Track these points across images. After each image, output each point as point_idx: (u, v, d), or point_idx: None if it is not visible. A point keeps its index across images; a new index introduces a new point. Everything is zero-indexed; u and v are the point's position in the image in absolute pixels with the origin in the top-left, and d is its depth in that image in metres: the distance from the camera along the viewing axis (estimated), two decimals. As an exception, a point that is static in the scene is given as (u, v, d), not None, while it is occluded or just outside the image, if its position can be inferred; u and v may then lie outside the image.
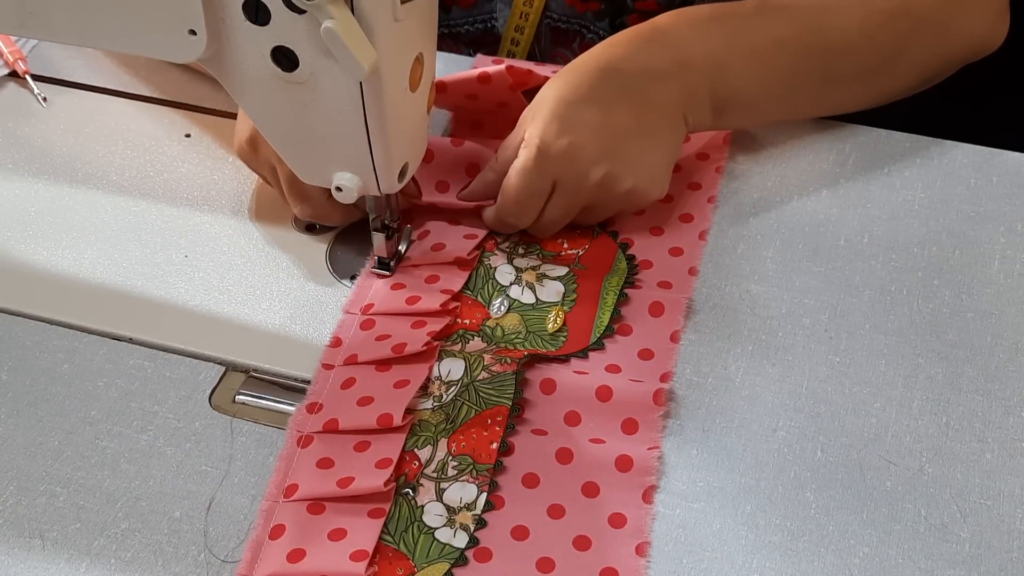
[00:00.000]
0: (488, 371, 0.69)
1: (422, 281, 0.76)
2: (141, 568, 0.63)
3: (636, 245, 0.79)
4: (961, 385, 0.71)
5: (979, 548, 0.63)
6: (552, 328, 0.74)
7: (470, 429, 0.68)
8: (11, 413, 0.71)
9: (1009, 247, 0.79)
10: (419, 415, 0.69)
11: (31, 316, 0.76)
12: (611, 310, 0.74)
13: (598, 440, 0.68)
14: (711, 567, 0.63)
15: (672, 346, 0.72)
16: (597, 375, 0.71)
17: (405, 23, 0.65)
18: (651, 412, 0.68)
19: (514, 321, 0.74)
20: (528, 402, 0.70)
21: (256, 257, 0.80)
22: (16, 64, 0.94)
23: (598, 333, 0.73)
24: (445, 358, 0.71)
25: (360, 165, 0.70)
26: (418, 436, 0.68)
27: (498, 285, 0.76)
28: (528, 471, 0.67)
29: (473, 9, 1.00)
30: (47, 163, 0.87)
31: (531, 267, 0.77)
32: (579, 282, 0.76)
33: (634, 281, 0.76)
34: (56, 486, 0.67)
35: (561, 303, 0.75)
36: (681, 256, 0.78)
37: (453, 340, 0.73)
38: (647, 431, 0.68)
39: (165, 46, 0.67)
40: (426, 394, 0.70)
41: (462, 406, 0.69)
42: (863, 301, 0.76)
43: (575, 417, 0.69)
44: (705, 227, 0.79)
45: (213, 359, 0.73)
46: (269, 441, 0.68)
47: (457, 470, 0.66)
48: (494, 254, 0.78)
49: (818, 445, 0.68)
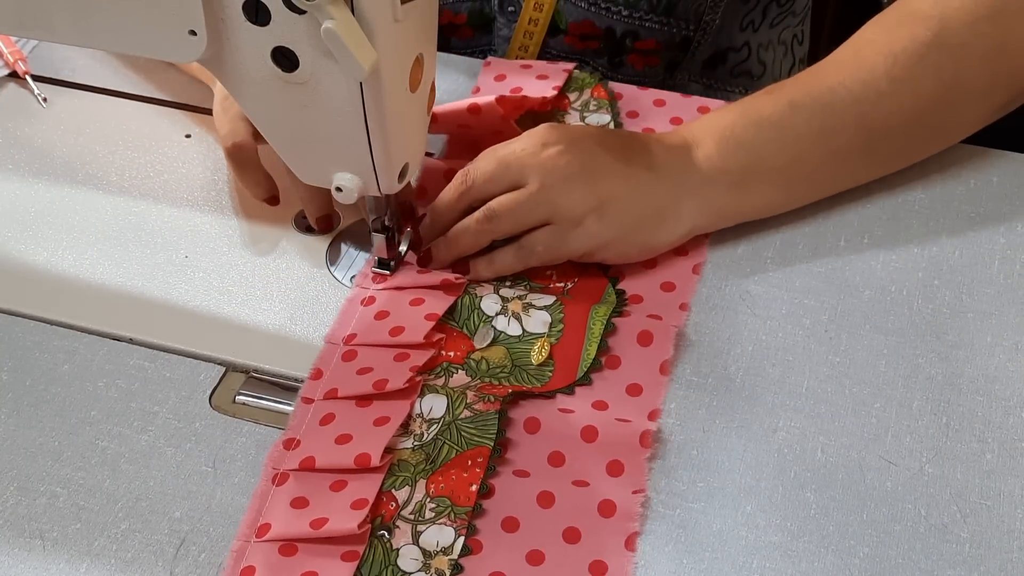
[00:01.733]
0: (471, 409, 0.68)
1: (407, 304, 0.74)
2: (141, 568, 0.63)
3: (627, 279, 0.76)
4: (961, 385, 0.71)
5: (979, 548, 0.63)
6: (538, 361, 0.71)
7: (450, 470, 0.65)
8: (11, 413, 0.71)
9: (1009, 247, 0.79)
10: (398, 454, 0.67)
11: (31, 316, 0.76)
12: (598, 341, 0.71)
13: (582, 482, 0.66)
14: (711, 567, 0.63)
15: (661, 379, 0.70)
16: (583, 413, 0.68)
17: (405, 24, 0.65)
18: (637, 454, 0.66)
19: (499, 354, 0.72)
20: (511, 442, 0.67)
21: (256, 257, 0.80)
22: (16, 64, 0.94)
23: (585, 367, 0.71)
24: (427, 394, 0.69)
25: (360, 165, 0.70)
26: (396, 476, 0.66)
27: (484, 316, 0.74)
28: (508, 514, 0.64)
29: (471, 41, 1.00)
30: (47, 163, 0.87)
31: (517, 296, 0.74)
32: (566, 311, 0.73)
33: (622, 311, 0.74)
34: (56, 486, 0.67)
35: (548, 334, 0.73)
36: (673, 291, 0.76)
37: (437, 373, 0.71)
38: (633, 473, 0.66)
39: (165, 46, 0.67)
40: (406, 432, 0.68)
41: (443, 445, 0.66)
42: (863, 301, 0.76)
43: (559, 457, 0.67)
44: (700, 261, 0.77)
45: (213, 359, 0.73)
46: (269, 441, 0.68)
47: (435, 512, 0.64)
48: (480, 284, 0.76)
49: (818, 445, 0.68)
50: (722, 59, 1.01)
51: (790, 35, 1.07)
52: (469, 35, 1.00)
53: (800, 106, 0.78)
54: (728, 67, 1.02)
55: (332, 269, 0.79)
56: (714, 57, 1.01)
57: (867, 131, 0.78)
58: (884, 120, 0.78)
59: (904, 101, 0.77)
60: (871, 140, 0.78)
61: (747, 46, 1.02)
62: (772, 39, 1.04)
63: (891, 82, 0.77)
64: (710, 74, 1.02)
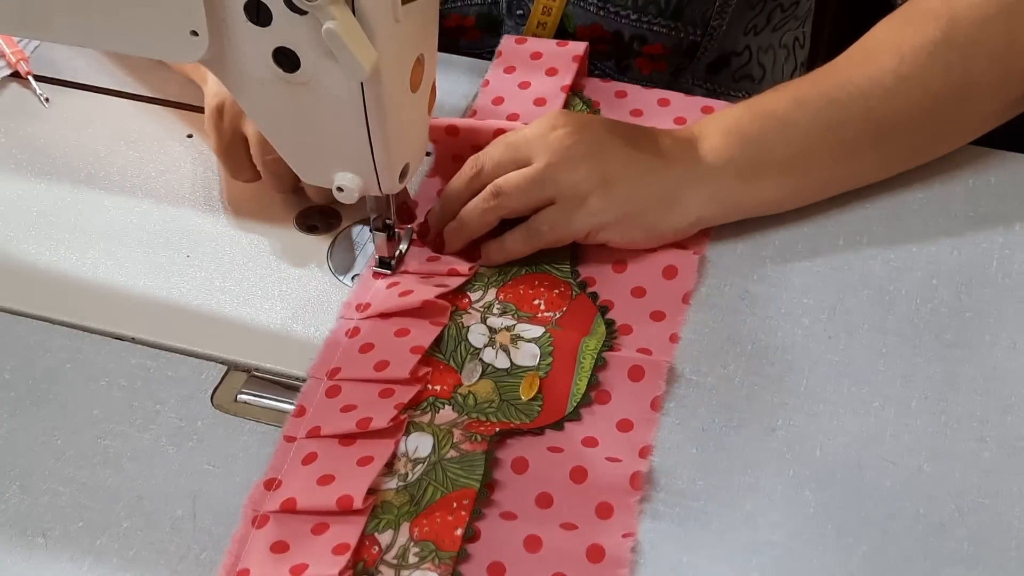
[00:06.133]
0: (457, 449, 0.66)
1: (391, 335, 0.72)
2: (144, 567, 0.63)
3: (616, 308, 0.74)
4: (960, 385, 0.71)
5: (977, 547, 0.63)
6: (527, 396, 0.69)
7: (435, 512, 0.63)
8: (13, 412, 0.71)
9: (1008, 247, 0.79)
10: (382, 495, 0.64)
11: (33, 316, 0.76)
12: (588, 375, 0.69)
13: (570, 525, 0.63)
14: (711, 567, 0.63)
15: (652, 415, 0.68)
16: (572, 452, 0.66)
17: (406, 24, 0.65)
18: (627, 496, 0.64)
19: (487, 388, 0.70)
20: (498, 483, 0.65)
21: (257, 257, 0.80)
22: (18, 64, 0.94)
23: (575, 402, 0.69)
24: (413, 432, 0.67)
25: (361, 165, 0.70)
26: (379, 519, 0.63)
27: (471, 347, 0.72)
28: (494, 559, 0.62)
29: (479, 43, 1.00)
30: (49, 163, 0.87)
31: (505, 327, 0.72)
32: (555, 344, 0.71)
33: (612, 345, 0.72)
34: (59, 485, 0.67)
35: (537, 367, 0.71)
36: (663, 321, 0.74)
37: (423, 409, 0.69)
38: (622, 516, 0.64)
39: (167, 47, 0.68)
40: (391, 472, 0.66)
41: (428, 486, 0.64)
42: (863, 301, 0.76)
43: (547, 499, 0.65)
44: (689, 288, 0.75)
45: (215, 359, 0.74)
46: (271, 440, 0.69)
47: (419, 557, 0.62)
48: (467, 313, 0.74)
49: (817, 444, 0.68)
50: (725, 63, 1.01)
51: (791, 38, 1.07)
52: (477, 37, 1.01)
53: (806, 101, 0.78)
54: (731, 71, 1.02)
55: (333, 268, 0.79)
56: (717, 61, 1.01)
57: (875, 126, 0.78)
58: (892, 116, 0.78)
59: (912, 98, 0.78)
60: (879, 136, 0.78)
61: (748, 49, 1.02)
62: (774, 43, 1.05)
63: (899, 79, 0.77)
64: (713, 78, 1.02)
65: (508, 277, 0.77)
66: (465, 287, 0.76)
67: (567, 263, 0.77)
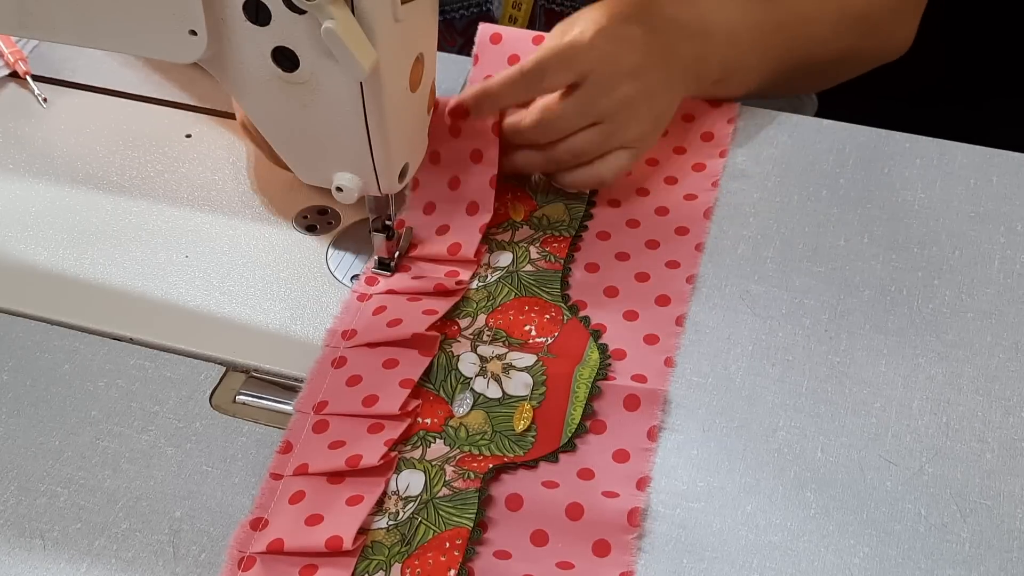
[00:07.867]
0: (450, 487, 0.64)
1: (379, 367, 0.70)
2: (142, 568, 0.63)
3: (609, 332, 0.73)
4: (961, 385, 0.71)
5: (979, 548, 0.63)
6: (520, 428, 0.68)
7: (427, 553, 0.61)
8: (12, 413, 0.71)
9: (1009, 247, 0.79)
10: (372, 535, 0.63)
11: (32, 316, 0.76)
12: (583, 405, 0.68)
13: (566, 564, 0.62)
14: (711, 567, 0.63)
15: (649, 445, 0.67)
16: (568, 486, 0.65)
17: (405, 23, 0.65)
18: (625, 533, 0.63)
19: (479, 420, 0.68)
20: (492, 520, 0.63)
21: (256, 257, 0.80)
22: (17, 64, 0.94)
23: (569, 432, 0.67)
24: (404, 469, 0.66)
25: (360, 165, 0.70)
26: (370, 560, 0.62)
27: (461, 377, 0.70)
28: None
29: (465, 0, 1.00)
30: (48, 163, 0.87)
31: (496, 356, 0.71)
32: (548, 373, 0.69)
33: (607, 373, 0.70)
34: (57, 486, 0.67)
35: (529, 397, 0.69)
36: (657, 344, 0.72)
37: (414, 443, 0.67)
38: (619, 554, 0.62)
39: (165, 47, 0.68)
40: (381, 510, 0.64)
41: (419, 525, 0.63)
42: (863, 301, 0.76)
43: (542, 537, 0.63)
44: (682, 311, 0.74)
45: (214, 359, 0.74)
46: (270, 441, 0.69)
47: None
48: (457, 341, 0.72)
49: (818, 445, 0.68)
50: None
51: None
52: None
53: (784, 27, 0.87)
54: None
55: (332, 269, 0.79)
56: None
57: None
58: None
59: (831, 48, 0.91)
60: None
61: None
62: None
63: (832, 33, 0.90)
64: None
65: (497, 303, 0.75)
66: (454, 313, 0.74)
67: (557, 286, 0.76)
